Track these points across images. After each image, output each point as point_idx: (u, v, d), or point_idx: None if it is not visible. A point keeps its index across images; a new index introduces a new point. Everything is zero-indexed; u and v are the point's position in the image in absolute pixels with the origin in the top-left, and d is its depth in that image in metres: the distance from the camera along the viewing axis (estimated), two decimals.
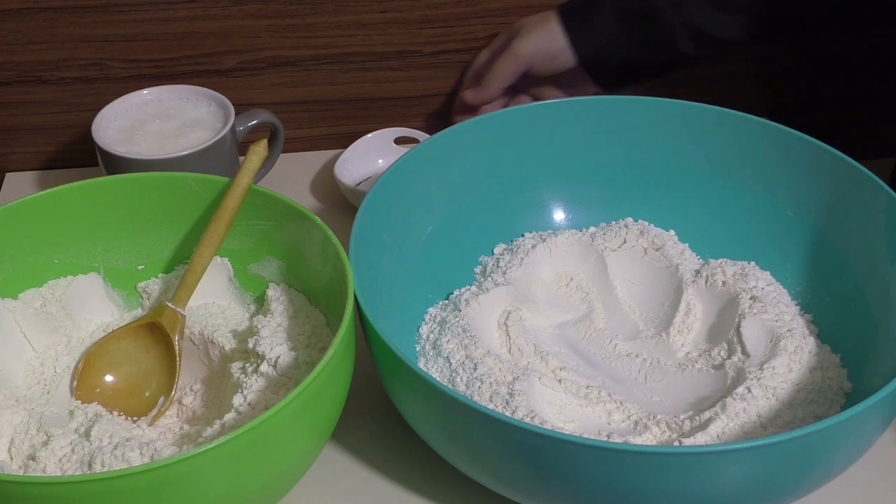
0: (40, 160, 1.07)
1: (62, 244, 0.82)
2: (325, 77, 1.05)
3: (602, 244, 0.88)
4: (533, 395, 0.76)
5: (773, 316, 0.81)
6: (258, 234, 0.82)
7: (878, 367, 0.74)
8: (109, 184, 0.83)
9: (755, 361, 0.78)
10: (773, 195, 0.87)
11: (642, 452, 0.64)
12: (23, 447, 0.71)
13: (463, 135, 0.87)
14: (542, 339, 0.83)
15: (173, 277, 0.84)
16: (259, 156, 0.80)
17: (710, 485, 0.65)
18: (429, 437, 0.72)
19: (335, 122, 1.08)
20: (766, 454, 0.63)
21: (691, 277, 0.86)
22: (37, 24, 0.99)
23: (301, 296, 0.81)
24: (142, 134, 0.93)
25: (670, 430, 0.74)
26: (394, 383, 0.72)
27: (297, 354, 0.75)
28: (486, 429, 0.66)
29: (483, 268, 0.89)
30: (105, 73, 1.03)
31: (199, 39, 1.02)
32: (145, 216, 0.83)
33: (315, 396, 0.66)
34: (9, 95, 1.03)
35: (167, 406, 0.78)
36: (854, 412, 0.63)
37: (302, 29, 1.02)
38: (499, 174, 0.89)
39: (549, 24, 0.96)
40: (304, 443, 0.69)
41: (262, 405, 0.72)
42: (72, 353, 0.81)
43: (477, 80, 1.01)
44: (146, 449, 0.69)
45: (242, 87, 1.04)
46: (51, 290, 0.82)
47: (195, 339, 0.80)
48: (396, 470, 0.77)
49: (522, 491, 0.70)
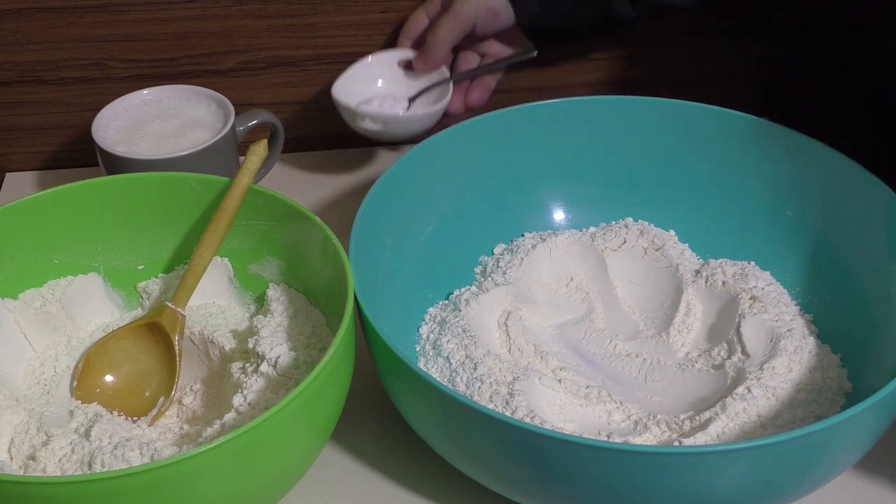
0: (40, 160, 1.07)
1: (62, 244, 0.82)
2: (325, 77, 1.05)
3: (602, 244, 0.88)
4: (533, 395, 0.76)
5: (773, 316, 0.81)
6: (258, 234, 0.82)
7: (878, 367, 0.74)
8: (109, 184, 0.83)
9: (755, 361, 0.78)
10: (773, 195, 0.87)
11: (642, 452, 0.64)
12: (23, 447, 0.71)
13: (463, 135, 0.87)
14: (542, 339, 0.83)
15: (173, 277, 0.84)
16: (259, 156, 0.80)
17: (710, 485, 0.65)
18: (429, 437, 0.72)
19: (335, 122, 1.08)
20: (766, 454, 0.63)
21: (691, 277, 0.86)
22: (37, 24, 0.99)
23: (301, 296, 0.81)
24: (142, 134, 0.93)
25: (670, 430, 0.74)
26: (394, 383, 0.72)
27: (297, 354, 0.75)
28: (486, 429, 0.66)
29: (483, 268, 0.89)
30: (105, 73, 1.03)
31: (199, 39, 1.02)
32: (145, 216, 0.83)
33: (315, 396, 0.66)
34: (9, 95, 1.03)
35: (167, 406, 0.78)
36: (854, 412, 0.63)
37: (302, 29, 1.02)
38: (499, 174, 0.89)
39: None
40: (304, 443, 0.69)
41: (262, 405, 0.72)
42: (72, 353, 0.81)
43: (412, 42, 0.99)
44: (146, 449, 0.68)
45: (242, 87, 1.04)
46: (51, 290, 0.82)
47: (195, 339, 0.80)
48: (396, 470, 0.77)
49: (522, 491, 0.70)
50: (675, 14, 0.99)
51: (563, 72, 1.07)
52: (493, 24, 0.96)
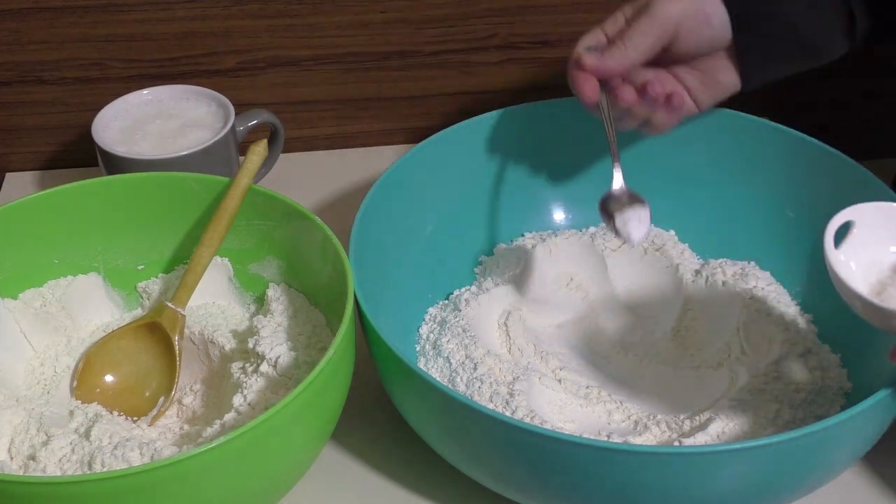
0: (40, 160, 1.07)
1: (62, 244, 0.82)
2: (325, 77, 1.05)
3: (602, 244, 0.88)
4: (533, 395, 0.76)
5: (773, 316, 0.81)
6: (258, 234, 0.82)
7: (878, 367, 0.74)
8: (109, 184, 0.83)
9: (755, 361, 0.78)
10: (774, 195, 0.86)
11: (642, 452, 0.64)
12: (23, 447, 0.71)
13: (463, 135, 0.87)
14: (542, 339, 0.83)
15: (173, 277, 0.84)
16: (259, 156, 0.80)
17: (710, 485, 0.65)
18: (429, 437, 0.72)
19: (335, 122, 1.08)
20: (766, 454, 0.63)
21: (691, 277, 0.86)
22: (37, 24, 0.99)
23: (301, 296, 0.81)
24: (142, 134, 0.93)
25: (670, 430, 0.74)
26: (394, 383, 0.72)
27: (297, 354, 0.75)
28: (486, 429, 0.66)
29: (483, 268, 0.89)
30: (105, 73, 1.02)
31: (199, 39, 1.02)
32: (145, 216, 0.83)
33: (315, 396, 0.66)
34: (9, 95, 1.03)
35: (167, 406, 0.78)
36: (854, 412, 0.63)
37: (302, 29, 1.02)
38: (499, 174, 0.89)
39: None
40: (304, 443, 0.69)
41: (262, 405, 0.72)
42: (72, 353, 0.81)
43: (598, 47, 0.78)
44: (146, 449, 0.69)
45: (242, 87, 1.04)
46: (51, 290, 0.82)
47: (195, 339, 0.80)
48: (396, 470, 0.77)
49: (522, 491, 0.70)
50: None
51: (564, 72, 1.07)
52: (700, 34, 0.75)
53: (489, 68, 1.05)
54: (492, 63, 1.05)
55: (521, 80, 1.05)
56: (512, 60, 1.05)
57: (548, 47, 1.04)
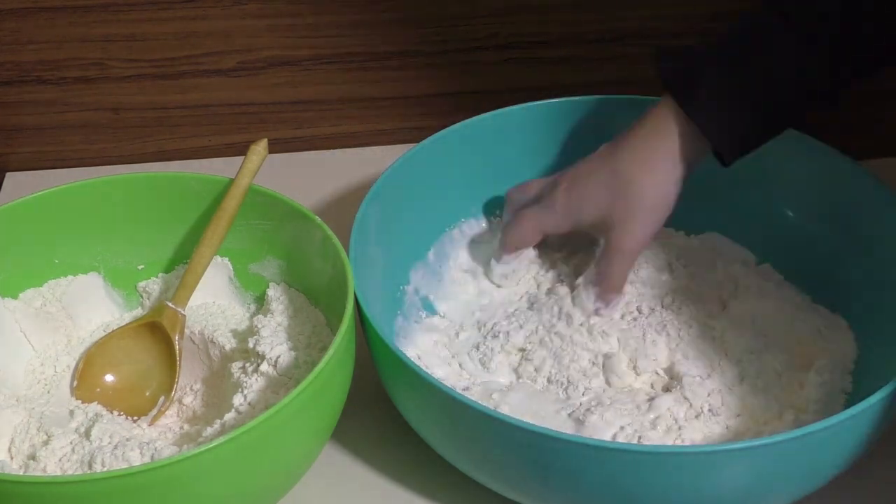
0: (40, 160, 1.07)
1: (62, 244, 0.82)
2: (325, 77, 1.05)
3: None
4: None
5: (773, 316, 0.81)
6: (258, 234, 0.82)
7: (878, 368, 0.74)
8: (109, 184, 0.83)
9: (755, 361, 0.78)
10: (773, 195, 0.87)
11: (642, 452, 0.64)
12: (23, 447, 0.72)
13: (463, 134, 0.87)
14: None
15: (173, 277, 0.84)
16: (259, 156, 0.80)
17: (710, 485, 0.65)
18: (429, 437, 0.72)
19: (335, 122, 1.08)
20: (766, 454, 0.63)
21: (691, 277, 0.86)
22: (37, 24, 0.99)
23: (301, 296, 0.81)
24: None
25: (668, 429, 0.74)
26: (394, 383, 0.72)
27: (297, 354, 0.75)
28: (486, 429, 0.66)
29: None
30: (105, 73, 1.02)
31: (199, 39, 1.02)
32: (145, 216, 0.83)
33: (315, 396, 0.66)
34: (9, 95, 1.03)
35: (167, 406, 0.78)
36: (854, 412, 0.64)
37: (302, 29, 1.02)
38: (499, 174, 0.89)
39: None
40: (304, 443, 0.69)
41: (262, 405, 0.72)
42: (72, 353, 0.81)
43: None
44: (146, 449, 0.69)
45: (242, 87, 1.04)
46: (51, 290, 0.82)
47: (195, 339, 0.80)
48: (396, 470, 0.77)
49: (522, 491, 0.70)
50: None
51: (564, 72, 1.07)
52: None
53: (489, 68, 1.05)
54: (492, 63, 1.05)
55: (521, 80, 1.05)
56: (512, 60, 1.05)
57: (548, 47, 1.04)
